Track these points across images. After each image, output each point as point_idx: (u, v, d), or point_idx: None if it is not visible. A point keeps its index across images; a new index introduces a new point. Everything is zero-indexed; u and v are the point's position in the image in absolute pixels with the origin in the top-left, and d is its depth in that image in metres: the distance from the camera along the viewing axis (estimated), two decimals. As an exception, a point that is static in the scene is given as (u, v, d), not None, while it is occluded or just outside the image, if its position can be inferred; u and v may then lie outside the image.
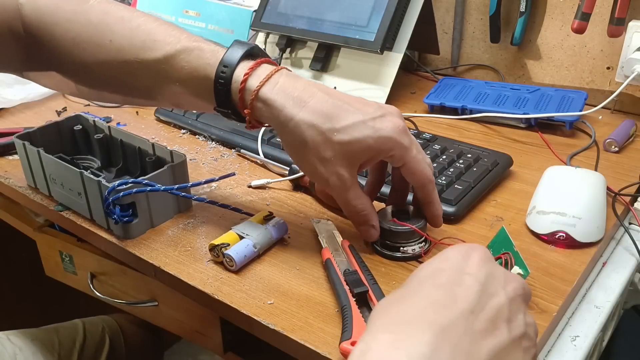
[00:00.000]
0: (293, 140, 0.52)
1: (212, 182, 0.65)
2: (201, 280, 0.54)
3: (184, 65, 0.53)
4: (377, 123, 0.51)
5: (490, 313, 0.35)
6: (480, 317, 0.34)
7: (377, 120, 0.51)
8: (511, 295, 0.37)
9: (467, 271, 0.36)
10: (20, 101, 0.92)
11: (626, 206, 0.65)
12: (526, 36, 0.94)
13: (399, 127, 0.51)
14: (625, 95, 0.86)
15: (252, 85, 0.52)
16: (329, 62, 0.95)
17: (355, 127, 0.51)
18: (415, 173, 0.53)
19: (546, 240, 0.58)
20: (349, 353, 0.43)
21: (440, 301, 0.34)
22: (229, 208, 0.63)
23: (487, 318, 0.34)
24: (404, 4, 0.87)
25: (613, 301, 0.56)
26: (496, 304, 0.35)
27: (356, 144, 0.50)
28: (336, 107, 0.51)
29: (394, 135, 0.51)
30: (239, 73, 0.52)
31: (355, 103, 0.52)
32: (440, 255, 0.39)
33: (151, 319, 0.73)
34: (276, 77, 0.52)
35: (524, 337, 0.36)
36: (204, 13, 1.15)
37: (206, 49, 0.54)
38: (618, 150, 0.76)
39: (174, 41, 0.54)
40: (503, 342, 0.34)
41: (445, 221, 0.62)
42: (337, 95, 0.52)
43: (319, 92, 0.52)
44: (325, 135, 0.50)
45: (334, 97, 0.52)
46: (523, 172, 0.71)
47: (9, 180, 0.72)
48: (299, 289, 0.53)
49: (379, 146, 0.51)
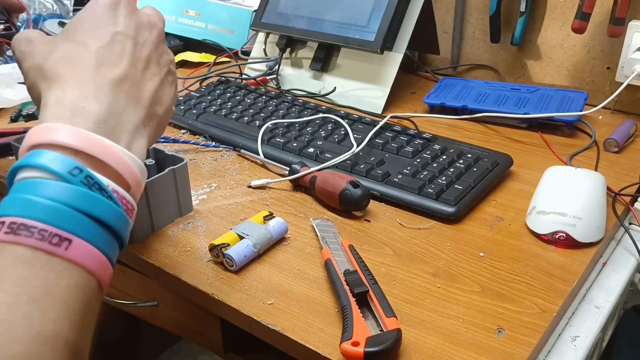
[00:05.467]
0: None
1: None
2: (201, 281, 0.54)
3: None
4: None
5: (144, 61, 0.43)
6: (138, 67, 0.43)
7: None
8: (155, 41, 0.45)
9: (118, 30, 0.43)
10: (20, 101, 0.92)
11: (626, 206, 0.65)
12: (526, 36, 0.94)
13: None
14: (625, 95, 0.86)
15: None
16: (329, 62, 0.95)
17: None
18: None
19: (546, 241, 0.58)
20: (349, 353, 0.44)
21: (107, 61, 0.41)
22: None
23: (142, 67, 0.43)
24: (404, 4, 0.87)
25: (613, 301, 0.56)
26: (147, 52, 0.44)
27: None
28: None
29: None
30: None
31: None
32: (91, 7, 0.44)
33: (151, 319, 0.72)
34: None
35: (169, 73, 0.46)
36: (204, 13, 1.15)
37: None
38: (618, 150, 0.76)
39: None
40: (157, 82, 0.44)
41: (445, 221, 0.62)
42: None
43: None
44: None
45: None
46: (523, 172, 0.71)
47: (9, 180, 0.72)
48: (299, 289, 0.53)
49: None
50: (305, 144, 0.74)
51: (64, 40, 0.42)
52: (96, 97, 0.39)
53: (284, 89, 0.96)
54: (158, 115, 0.44)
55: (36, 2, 1.19)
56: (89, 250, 0.35)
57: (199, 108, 0.85)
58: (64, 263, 0.34)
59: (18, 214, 0.34)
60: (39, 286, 0.33)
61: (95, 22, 0.43)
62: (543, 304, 0.50)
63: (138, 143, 0.41)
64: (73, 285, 0.34)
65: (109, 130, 0.39)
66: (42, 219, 0.34)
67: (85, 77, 0.40)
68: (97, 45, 0.42)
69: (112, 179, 0.38)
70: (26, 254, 0.33)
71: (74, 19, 0.44)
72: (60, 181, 0.35)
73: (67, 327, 0.33)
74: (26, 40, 0.43)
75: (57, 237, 0.34)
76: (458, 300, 0.51)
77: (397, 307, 0.49)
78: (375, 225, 0.62)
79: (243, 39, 1.12)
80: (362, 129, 0.77)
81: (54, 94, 0.39)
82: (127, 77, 0.42)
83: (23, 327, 0.31)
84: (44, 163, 0.35)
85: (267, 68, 0.98)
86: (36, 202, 0.34)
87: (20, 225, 0.33)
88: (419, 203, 0.63)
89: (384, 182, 0.66)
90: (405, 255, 0.57)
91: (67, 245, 0.34)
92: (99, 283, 0.36)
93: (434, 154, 0.70)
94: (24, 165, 0.36)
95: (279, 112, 0.83)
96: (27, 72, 0.42)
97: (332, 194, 0.63)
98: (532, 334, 0.47)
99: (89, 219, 0.35)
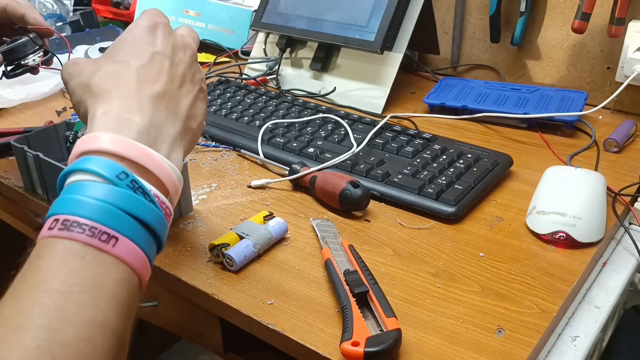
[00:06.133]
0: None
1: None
2: (201, 280, 0.54)
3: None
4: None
5: (180, 79, 0.47)
6: (175, 84, 0.46)
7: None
8: (189, 61, 0.48)
9: (156, 50, 0.46)
10: (20, 101, 0.92)
11: (626, 206, 0.65)
12: (526, 36, 0.94)
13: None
14: (625, 95, 0.86)
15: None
16: (329, 62, 0.95)
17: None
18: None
19: (546, 241, 0.58)
20: (349, 353, 0.44)
21: (148, 78, 0.44)
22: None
23: (178, 84, 0.46)
24: (404, 4, 0.87)
25: (613, 301, 0.56)
26: (182, 70, 0.47)
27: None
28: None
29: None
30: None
31: None
32: (130, 31, 0.47)
33: (151, 319, 0.72)
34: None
35: (201, 91, 0.49)
36: (204, 13, 1.15)
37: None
38: (618, 150, 0.76)
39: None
40: (192, 98, 0.47)
41: (445, 221, 0.62)
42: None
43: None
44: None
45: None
46: (523, 172, 0.71)
47: (9, 180, 0.72)
48: (299, 289, 0.53)
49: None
50: (305, 144, 0.74)
51: (107, 61, 0.46)
52: (139, 110, 0.42)
53: (284, 89, 0.96)
54: (192, 129, 0.47)
55: (36, 2, 1.19)
56: (133, 248, 0.38)
57: (199, 108, 0.85)
58: (111, 259, 0.37)
59: (71, 212, 0.36)
60: (89, 278, 0.35)
61: (136, 44, 0.46)
62: (543, 304, 0.50)
63: (176, 153, 0.44)
64: (119, 280, 0.37)
65: (150, 140, 0.42)
66: (93, 218, 0.36)
67: (128, 92, 0.43)
68: (138, 64, 0.45)
69: (154, 184, 0.41)
70: (78, 248, 0.36)
71: (115, 42, 0.47)
72: (109, 184, 0.38)
73: (114, 317, 0.36)
74: (72, 64, 0.47)
75: (106, 234, 0.36)
76: (458, 300, 0.51)
77: (397, 307, 0.49)
78: (375, 225, 0.62)
79: (243, 39, 1.12)
80: (362, 129, 0.77)
81: (101, 107, 0.42)
82: (165, 93, 0.45)
83: (77, 314, 0.34)
84: (94, 167, 0.38)
85: (267, 68, 0.98)
86: (87, 202, 0.37)
87: (73, 223, 0.36)
88: (419, 203, 0.63)
89: (384, 182, 0.66)
90: (405, 255, 0.57)
91: (115, 243, 0.37)
92: (140, 280, 0.39)
93: (434, 154, 0.70)
94: (75, 170, 0.39)
95: (279, 112, 0.83)
96: (74, 90, 0.46)
97: (332, 194, 0.63)
98: (532, 334, 0.47)
99: (134, 220, 0.38)
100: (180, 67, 0.47)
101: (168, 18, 0.50)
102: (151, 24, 0.47)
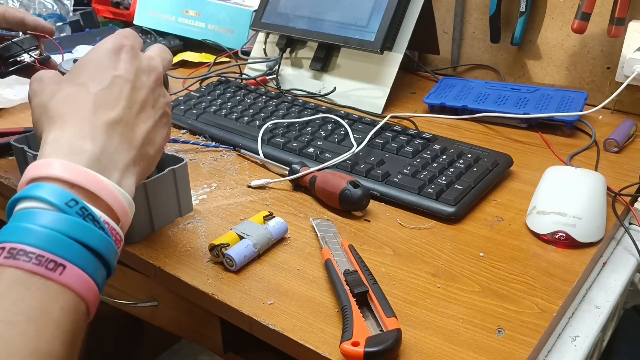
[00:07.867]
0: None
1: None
2: (201, 280, 0.54)
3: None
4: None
5: (140, 104, 0.46)
6: (133, 110, 0.45)
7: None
8: (152, 86, 0.47)
9: (117, 74, 0.45)
10: (20, 101, 0.92)
11: (626, 206, 0.65)
12: (526, 36, 0.94)
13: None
14: (625, 95, 0.86)
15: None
16: (329, 62, 0.95)
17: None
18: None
19: (546, 241, 0.58)
20: (349, 353, 0.44)
21: (105, 104, 0.44)
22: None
23: (137, 110, 0.46)
24: (404, 4, 0.87)
25: (613, 301, 0.56)
26: (143, 95, 0.46)
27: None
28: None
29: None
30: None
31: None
32: (95, 52, 0.47)
33: (151, 319, 0.72)
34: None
35: (164, 115, 0.49)
36: (204, 13, 1.15)
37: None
38: (618, 150, 0.76)
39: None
40: (151, 124, 0.47)
41: (445, 221, 0.62)
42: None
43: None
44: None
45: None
46: (523, 172, 0.71)
47: (9, 180, 0.72)
48: (299, 289, 0.53)
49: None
50: (305, 144, 0.74)
51: (68, 82, 0.46)
52: (92, 137, 0.42)
53: (284, 89, 0.96)
54: (149, 154, 0.47)
55: (36, 2, 1.19)
56: (81, 276, 0.37)
57: (199, 108, 0.85)
58: (58, 287, 0.36)
59: (17, 241, 0.36)
60: (34, 307, 0.35)
61: (98, 66, 0.46)
62: (543, 304, 0.50)
63: (128, 180, 0.44)
64: (65, 308, 0.36)
65: (101, 167, 0.42)
66: (40, 246, 0.36)
67: (83, 117, 0.43)
68: (97, 89, 0.44)
69: (104, 211, 0.41)
70: (24, 277, 0.35)
71: (80, 61, 0.47)
72: (57, 211, 0.38)
73: (59, 346, 0.35)
74: (38, 80, 0.47)
75: (53, 262, 0.36)
76: (458, 300, 0.51)
77: (397, 307, 0.49)
78: (375, 225, 0.62)
79: (243, 39, 1.12)
80: (362, 129, 0.77)
81: (54, 133, 0.42)
82: (121, 120, 0.45)
83: (20, 344, 0.33)
84: (43, 195, 0.38)
85: (267, 68, 0.98)
86: (35, 230, 0.37)
87: (19, 251, 0.35)
88: (419, 203, 0.63)
89: (384, 182, 0.66)
90: (405, 255, 0.57)
91: (62, 271, 0.36)
92: (87, 307, 0.38)
93: (434, 154, 0.70)
94: (24, 197, 0.39)
95: (279, 112, 0.83)
96: (34, 108, 0.46)
97: (332, 194, 0.63)
98: (532, 334, 0.47)
99: (82, 247, 0.38)
100: (141, 92, 0.47)
101: (139, 40, 0.50)
102: (116, 46, 0.47)
